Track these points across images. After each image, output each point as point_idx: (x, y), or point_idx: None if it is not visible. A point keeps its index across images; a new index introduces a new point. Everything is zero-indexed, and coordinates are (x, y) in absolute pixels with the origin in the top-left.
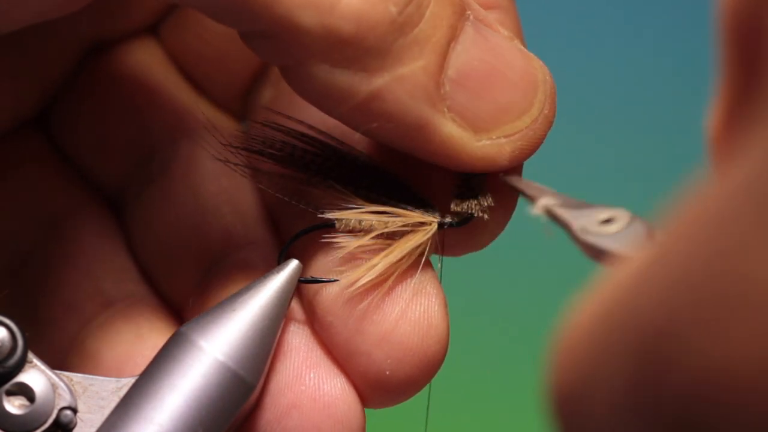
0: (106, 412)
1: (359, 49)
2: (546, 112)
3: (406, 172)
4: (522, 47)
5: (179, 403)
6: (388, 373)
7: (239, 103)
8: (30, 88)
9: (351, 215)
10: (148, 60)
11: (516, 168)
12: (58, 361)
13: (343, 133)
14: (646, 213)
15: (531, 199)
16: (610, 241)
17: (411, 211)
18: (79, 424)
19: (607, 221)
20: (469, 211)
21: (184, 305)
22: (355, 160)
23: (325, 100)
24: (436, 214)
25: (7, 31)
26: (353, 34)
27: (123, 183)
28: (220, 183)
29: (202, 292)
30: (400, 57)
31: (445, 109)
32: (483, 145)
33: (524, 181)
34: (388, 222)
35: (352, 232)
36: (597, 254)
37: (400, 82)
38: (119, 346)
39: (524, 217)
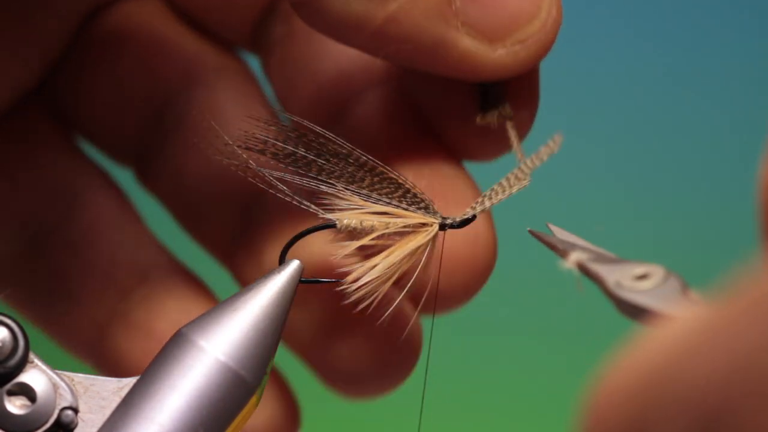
0: (107, 412)
1: None
2: (554, 14)
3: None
4: None
5: (180, 404)
6: (441, 284)
7: (250, 42)
8: (32, 57)
9: (352, 216)
10: (149, 14)
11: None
12: (98, 333)
13: (344, 132)
14: (690, 271)
15: (561, 255)
16: (645, 297)
17: (412, 212)
18: (81, 424)
19: (642, 277)
20: (474, 211)
21: (227, 250)
22: (357, 160)
23: (343, 29)
24: (437, 216)
25: None
26: None
27: (141, 140)
28: (243, 124)
29: (247, 231)
30: None
31: (459, 24)
32: (499, 55)
33: (552, 235)
34: (389, 223)
35: (354, 232)
36: (631, 310)
37: (413, 3)
38: (167, 316)
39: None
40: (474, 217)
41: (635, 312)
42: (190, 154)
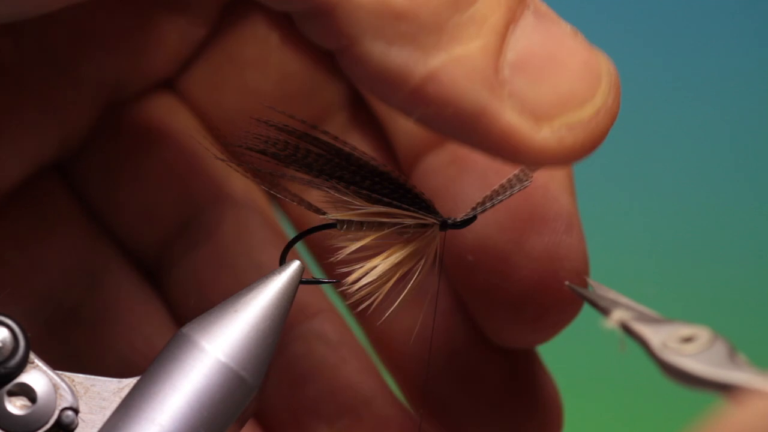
0: (108, 412)
1: (413, 24)
2: (610, 103)
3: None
4: (585, 39)
5: (181, 404)
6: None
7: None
8: (51, 136)
9: (353, 216)
10: (177, 120)
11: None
12: None
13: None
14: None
15: (603, 312)
16: (693, 361)
17: (413, 212)
18: (81, 424)
19: (688, 339)
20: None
21: None
22: (358, 160)
23: (381, 83)
24: (438, 216)
25: (38, 13)
26: (406, 7)
27: (162, 246)
28: (271, 251)
29: None
30: (456, 35)
31: (505, 95)
32: (543, 137)
33: (593, 291)
34: (390, 223)
35: (354, 232)
36: (678, 374)
37: (456, 63)
38: None
39: None
40: (474, 217)
41: (682, 376)
42: (216, 273)
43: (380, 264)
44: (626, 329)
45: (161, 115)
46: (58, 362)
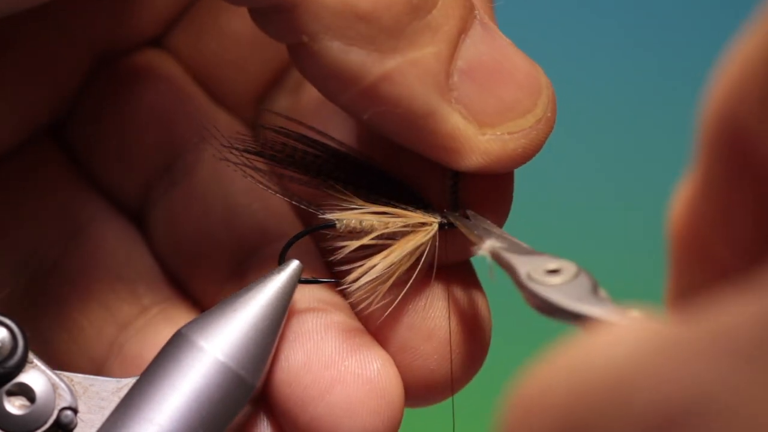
0: (107, 412)
1: (374, 28)
2: (549, 114)
3: (406, 172)
4: (524, 53)
5: (179, 404)
6: (432, 368)
7: (251, 110)
8: (44, 95)
9: (352, 216)
10: (163, 68)
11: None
12: (96, 366)
13: (343, 134)
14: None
15: (477, 240)
16: (554, 292)
17: (412, 211)
18: (80, 424)
19: (554, 272)
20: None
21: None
22: (356, 160)
23: (335, 80)
24: (437, 215)
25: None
26: (370, 10)
27: (145, 189)
28: (248, 181)
29: (237, 286)
30: (413, 40)
31: (453, 100)
32: (487, 140)
33: (469, 221)
34: (388, 222)
35: (353, 232)
36: (540, 304)
37: (411, 66)
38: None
39: None
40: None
41: (544, 306)
42: (193, 206)
43: (380, 263)
44: (496, 258)
45: (146, 63)
46: (43, 318)
